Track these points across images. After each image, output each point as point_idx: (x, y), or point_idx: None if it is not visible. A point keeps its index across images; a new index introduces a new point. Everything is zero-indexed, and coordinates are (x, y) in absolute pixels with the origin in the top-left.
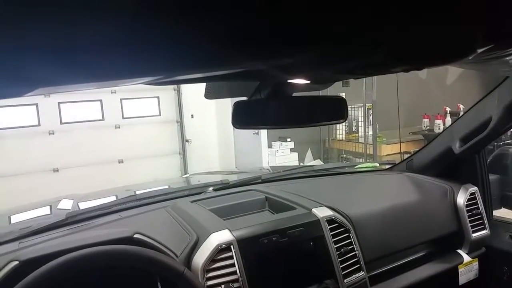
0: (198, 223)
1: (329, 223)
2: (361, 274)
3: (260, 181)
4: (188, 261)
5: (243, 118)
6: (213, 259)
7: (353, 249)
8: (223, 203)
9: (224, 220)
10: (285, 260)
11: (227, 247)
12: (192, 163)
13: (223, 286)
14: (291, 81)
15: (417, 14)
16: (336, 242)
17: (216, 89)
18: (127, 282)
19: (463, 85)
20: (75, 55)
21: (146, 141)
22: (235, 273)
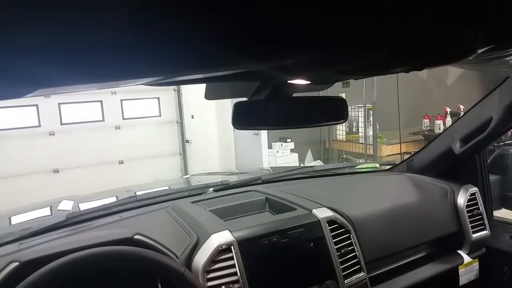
0: (198, 224)
1: (329, 223)
2: (361, 274)
3: (260, 181)
4: (188, 262)
5: (244, 118)
6: (213, 260)
7: (353, 250)
8: (224, 203)
9: (224, 221)
10: (286, 261)
11: (228, 248)
12: (192, 164)
13: (223, 287)
14: (291, 81)
15: (417, 14)
16: (336, 242)
17: (216, 89)
18: (127, 283)
19: (464, 85)
20: (75, 56)
21: (146, 142)
22: (236, 274)
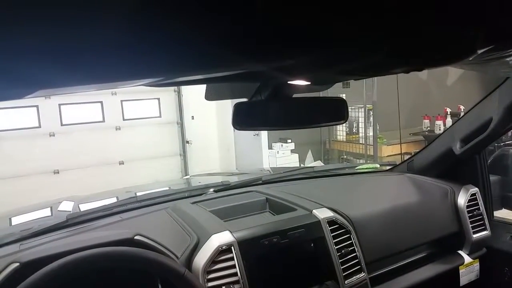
0: (198, 224)
1: (329, 224)
2: (362, 275)
3: (260, 182)
4: (188, 262)
5: (244, 119)
6: (213, 260)
7: (354, 250)
8: (224, 204)
9: (224, 221)
10: (286, 261)
11: (228, 249)
12: (192, 165)
13: (223, 287)
14: (291, 82)
15: (417, 14)
16: (336, 243)
17: (216, 90)
18: (128, 283)
19: (464, 86)
20: (75, 57)
21: (146, 142)
22: (236, 274)
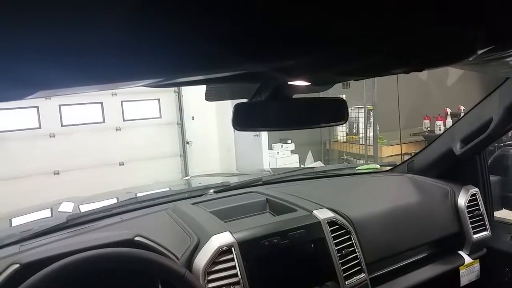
0: (199, 225)
1: (330, 225)
2: (362, 276)
3: (261, 183)
4: (189, 263)
5: (244, 120)
6: (214, 261)
7: (354, 251)
8: (224, 205)
9: (225, 222)
10: (286, 262)
11: (228, 249)
12: (192, 165)
13: None
14: (291, 83)
15: (417, 14)
16: (337, 244)
17: (216, 91)
18: (128, 284)
19: (464, 86)
20: (75, 57)
21: (146, 143)
22: (236, 275)
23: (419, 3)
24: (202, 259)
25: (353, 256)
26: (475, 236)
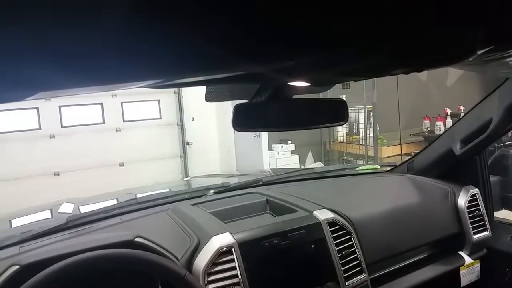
0: (199, 226)
1: (330, 225)
2: (362, 276)
3: (261, 183)
4: (189, 264)
5: (244, 120)
6: (214, 262)
7: (354, 252)
8: (224, 206)
9: (225, 223)
10: (287, 263)
11: (228, 250)
12: (192, 166)
13: None
14: (291, 83)
15: (417, 14)
16: (337, 244)
17: (216, 92)
18: (128, 285)
19: (464, 86)
20: (75, 58)
21: (147, 144)
22: (236, 276)
23: (419, 3)
24: (202, 260)
25: (353, 256)
26: (475, 236)
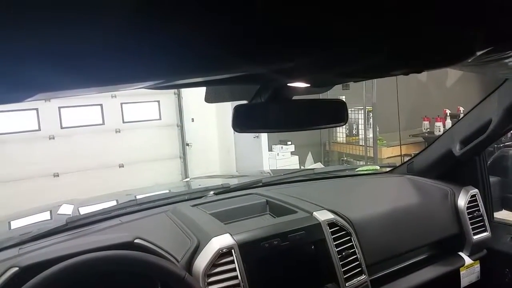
0: (199, 227)
1: (330, 226)
2: (362, 277)
3: (260, 184)
4: (189, 265)
5: (244, 121)
6: (214, 263)
7: (354, 253)
8: (224, 207)
9: (225, 224)
10: (287, 264)
11: (228, 252)
12: (192, 167)
13: None
14: (291, 84)
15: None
16: (337, 245)
17: (216, 92)
18: (128, 287)
19: (463, 87)
20: (75, 60)
21: (146, 145)
22: (236, 277)
23: (419, 3)
24: (202, 262)
25: (353, 257)
26: (475, 237)
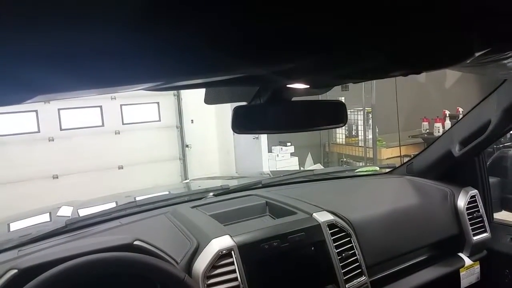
0: (198, 229)
1: (330, 227)
2: (362, 278)
3: (260, 186)
4: (188, 267)
5: (243, 123)
6: (213, 265)
7: (354, 254)
8: (224, 208)
9: (224, 225)
10: (286, 265)
11: (228, 253)
12: (192, 169)
13: None
14: (290, 85)
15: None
16: (337, 246)
17: (215, 94)
18: None
19: (462, 88)
20: (75, 62)
21: (146, 146)
22: (236, 279)
23: (417, 5)
24: (201, 263)
25: (353, 259)
26: (475, 238)
